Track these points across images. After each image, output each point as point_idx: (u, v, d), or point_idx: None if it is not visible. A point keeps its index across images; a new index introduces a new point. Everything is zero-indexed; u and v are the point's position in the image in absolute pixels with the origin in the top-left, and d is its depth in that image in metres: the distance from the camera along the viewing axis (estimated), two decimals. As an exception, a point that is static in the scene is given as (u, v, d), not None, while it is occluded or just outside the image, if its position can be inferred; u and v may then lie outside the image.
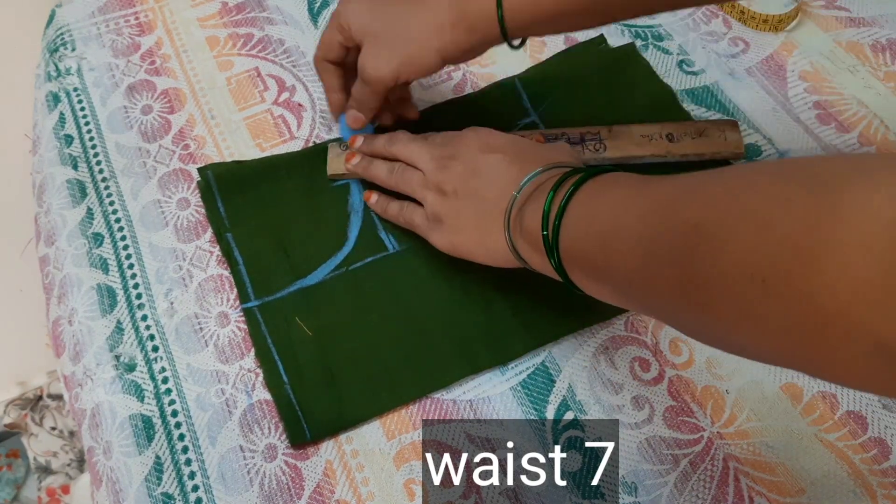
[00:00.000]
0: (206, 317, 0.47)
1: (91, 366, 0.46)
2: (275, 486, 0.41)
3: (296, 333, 0.45)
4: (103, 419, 0.44)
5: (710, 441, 0.42)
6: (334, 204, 0.50)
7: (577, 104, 0.54)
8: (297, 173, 0.52)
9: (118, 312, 0.48)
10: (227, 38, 0.60)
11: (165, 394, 0.45)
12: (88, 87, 0.58)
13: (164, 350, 0.46)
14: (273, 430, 0.43)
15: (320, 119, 0.55)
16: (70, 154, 0.55)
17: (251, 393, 0.44)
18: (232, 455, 0.42)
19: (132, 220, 0.51)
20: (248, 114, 0.56)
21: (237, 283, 0.47)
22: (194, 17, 0.62)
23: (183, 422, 0.44)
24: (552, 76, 0.56)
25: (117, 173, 0.53)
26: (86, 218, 0.52)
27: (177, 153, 0.54)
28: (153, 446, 0.43)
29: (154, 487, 0.42)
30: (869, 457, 0.41)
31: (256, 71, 0.58)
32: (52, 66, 0.59)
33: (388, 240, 0.49)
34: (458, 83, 0.57)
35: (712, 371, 0.44)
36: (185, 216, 0.51)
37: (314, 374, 0.44)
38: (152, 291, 0.48)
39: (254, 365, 0.45)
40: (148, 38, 0.61)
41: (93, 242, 0.51)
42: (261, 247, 0.49)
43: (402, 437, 0.43)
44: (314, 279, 0.47)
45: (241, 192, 0.51)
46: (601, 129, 0.50)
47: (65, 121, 0.56)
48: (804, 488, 0.40)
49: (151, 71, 0.58)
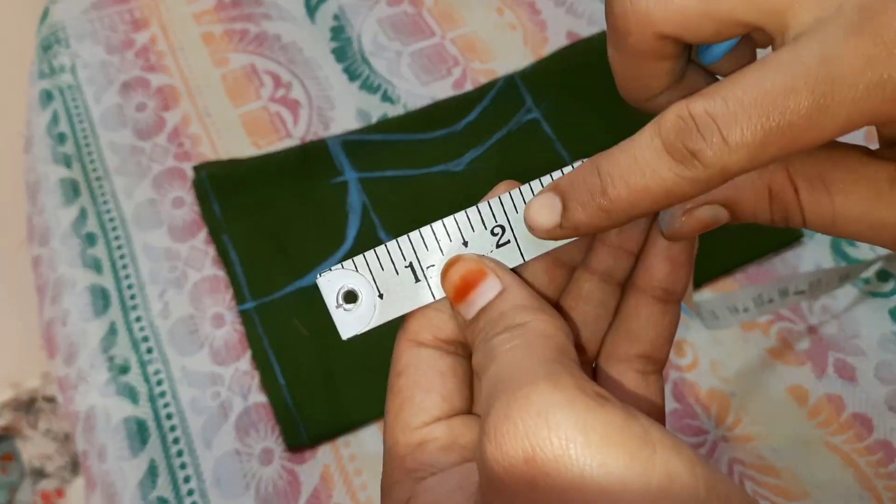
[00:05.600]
0: (201, 318, 0.46)
1: (85, 368, 0.45)
2: (271, 491, 0.41)
3: (293, 335, 0.45)
4: (97, 422, 0.44)
5: (715, 444, 0.41)
6: (332, 203, 0.50)
7: (580, 100, 0.53)
8: (294, 172, 0.51)
9: (112, 314, 0.47)
10: (223, 34, 0.60)
11: (160, 396, 0.44)
12: (82, 84, 0.57)
13: (159, 352, 0.45)
14: (269, 433, 0.42)
15: (317, 116, 0.55)
16: (63, 153, 0.54)
17: (247, 396, 0.44)
18: (227, 459, 0.42)
19: (126, 220, 0.51)
20: (244, 111, 0.55)
21: (233, 283, 0.47)
22: (189, 12, 0.61)
23: (178, 425, 0.43)
24: (554, 72, 0.55)
25: (111, 172, 0.53)
26: (79, 218, 0.51)
27: (171, 151, 0.53)
28: (148, 450, 0.42)
29: (149, 491, 0.41)
30: (874, 460, 0.40)
31: (252, 67, 0.57)
32: (46, 63, 0.59)
33: (388, 240, 0.48)
34: (458, 79, 0.56)
35: (717, 373, 0.43)
36: (180, 215, 0.50)
37: (312, 376, 0.43)
38: (146, 292, 0.47)
39: (250, 367, 0.44)
40: (142, 35, 0.60)
41: (86, 242, 0.50)
42: (257, 247, 0.48)
43: (401, 441, 0.42)
44: (312, 279, 0.47)
45: (236, 191, 0.50)
46: None
47: (58, 119, 0.56)
48: (809, 492, 0.40)
49: (146, 68, 0.58)
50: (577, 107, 0.53)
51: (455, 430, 0.21)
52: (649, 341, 0.22)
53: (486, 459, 0.17)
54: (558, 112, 0.53)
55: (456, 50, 0.58)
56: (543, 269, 0.23)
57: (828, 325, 0.44)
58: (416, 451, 0.21)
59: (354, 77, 0.57)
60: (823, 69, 0.16)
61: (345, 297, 0.22)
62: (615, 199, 0.19)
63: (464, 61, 0.57)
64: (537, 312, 0.20)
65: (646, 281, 0.22)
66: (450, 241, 0.21)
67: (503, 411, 0.17)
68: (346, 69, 0.57)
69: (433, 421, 0.21)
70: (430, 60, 0.57)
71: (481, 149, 0.52)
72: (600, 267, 0.23)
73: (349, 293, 0.22)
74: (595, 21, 0.58)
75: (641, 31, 0.19)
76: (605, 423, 0.16)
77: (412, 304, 0.21)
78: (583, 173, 0.20)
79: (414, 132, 0.53)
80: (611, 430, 0.16)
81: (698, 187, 0.18)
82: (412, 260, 0.21)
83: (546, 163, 0.51)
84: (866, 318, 0.44)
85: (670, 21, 0.18)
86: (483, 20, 0.59)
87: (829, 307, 0.45)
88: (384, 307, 0.22)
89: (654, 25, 0.19)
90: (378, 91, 0.56)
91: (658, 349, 0.22)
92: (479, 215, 0.21)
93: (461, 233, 0.21)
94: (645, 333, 0.22)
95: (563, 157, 0.51)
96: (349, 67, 0.57)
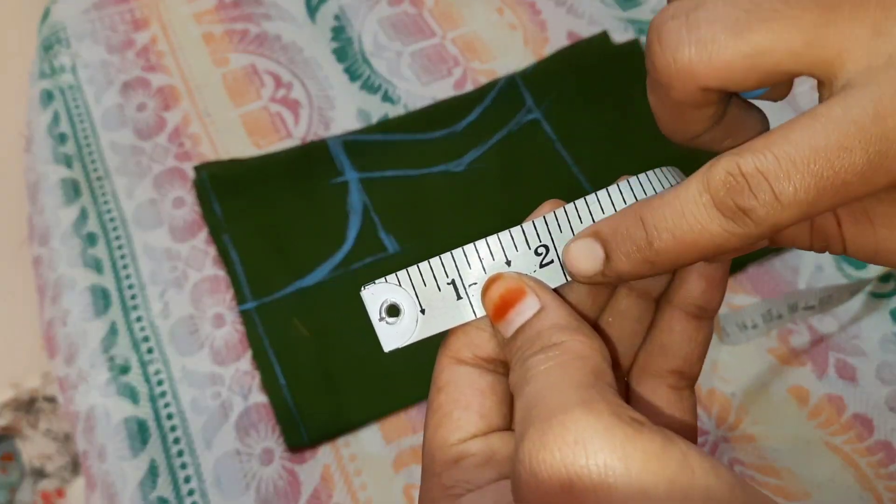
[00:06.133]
0: (201, 318, 0.46)
1: (85, 368, 0.45)
2: (271, 491, 0.41)
3: (294, 335, 0.45)
4: (98, 422, 0.44)
5: (716, 445, 0.41)
6: (333, 203, 0.49)
7: (580, 101, 0.53)
8: (294, 172, 0.51)
9: (112, 314, 0.47)
10: (224, 34, 0.59)
11: (160, 396, 0.44)
12: (83, 84, 0.57)
13: (159, 352, 0.45)
14: (270, 433, 0.42)
15: (317, 116, 0.55)
16: (64, 152, 0.54)
17: (247, 396, 0.44)
18: (228, 459, 0.42)
19: (126, 220, 0.50)
20: (245, 111, 0.55)
21: (234, 283, 0.47)
22: (190, 12, 0.61)
23: (178, 425, 0.43)
24: (555, 72, 0.55)
25: (112, 172, 0.53)
26: (80, 217, 0.51)
27: (172, 151, 0.53)
28: (148, 450, 0.42)
29: (149, 492, 0.41)
30: (875, 460, 0.40)
31: (253, 67, 0.57)
32: (47, 63, 0.59)
33: (388, 240, 0.48)
34: (459, 79, 0.56)
35: (718, 374, 0.43)
36: (181, 215, 0.50)
37: (312, 376, 0.43)
38: (147, 292, 0.47)
39: (250, 367, 0.44)
40: (143, 35, 0.60)
41: (87, 242, 0.50)
42: (258, 247, 0.48)
43: (400, 441, 0.42)
44: (313, 280, 0.47)
45: (237, 191, 0.50)
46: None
47: (59, 119, 0.56)
48: (810, 492, 0.40)
49: (146, 68, 0.58)
50: (577, 107, 0.53)
51: (492, 446, 0.21)
52: (683, 357, 0.22)
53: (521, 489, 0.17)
54: (559, 112, 0.53)
55: (456, 50, 0.58)
56: (587, 289, 0.23)
57: (828, 325, 0.44)
58: (453, 467, 0.21)
59: (355, 77, 0.57)
60: (878, 128, 0.16)
61: (388, 310, 0.22)
62: (661, 252, 0.18)
63: (464, 61, 0.57)
64: (574, 333, 0.20)
65: (681, 298, 0.22)
66: (493, 259, 0.21)
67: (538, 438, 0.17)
68: (346, 69, 0.57)
69: (470, 438, 0.21)
70: (430, 60, 0.57)
71: (482, 149, 0.52)
72: (638, 284, 0.23)
73: (392, 307, 0.22)
74: (595, 21, 0.58)
75: (684, 85, 0.18)
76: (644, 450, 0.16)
77: (453, 320, 0.22)
78: (626, 223, 0.19)
79: (414, 132, 0.53)
80: (649, 456, 0.16)
81: (748, 242, 0.18)
82: (454, 277, 0.21)
83: (546, 163, 0.51)
84: (867, 319, 0.44)
85: (714, 76, 0.18)
86: (483, 20, 0.59)
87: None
88: (426, 322, 0.22)
89: (698, 80, 0.18)
90: (378, 91, 0.56)
91: (691, 365, 0.22)
92: (522, 234, 0.21)
93: (504, 252, 0.21)
94: (679, 349, 0.22)
95: (564, 157, 0.51)
96: (350, 67, 0.57)
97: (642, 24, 0.58)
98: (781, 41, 0.17)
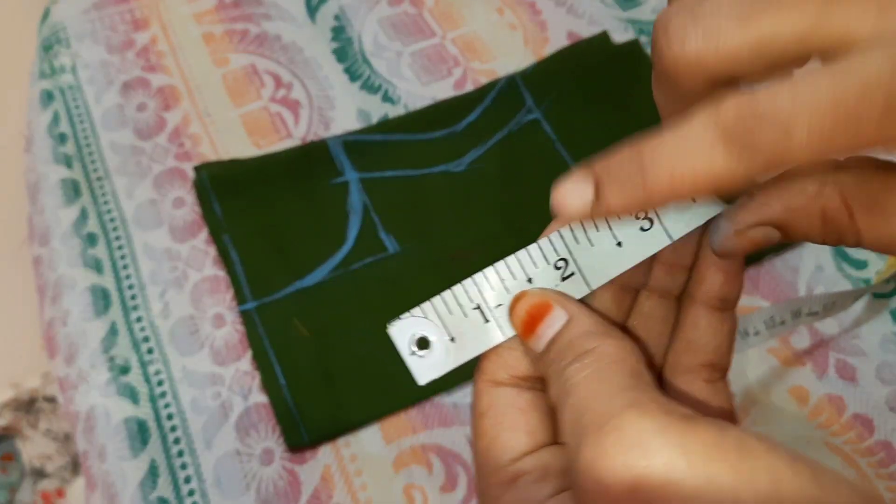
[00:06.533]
0: (201, 318, 0.46)
1: (85, 368, 0.45)
2: (271, 491, 0.41)
3: (294, 335, 0.45)
4: (98, 422, 0.44)
5: (715, 445, 0.41)
6: (333, 203, 0.49)
7: (581, 101, 0.53)
8: (294, 172, 0.51)
9: (112, 314, 0.47)
10: (224, 34, 0.59)
11: (160, 396, 0.44)
12: (83, 84, 0.57)
13: (159, 352, 0.45)
14: (270, 433, 0.42)
15: (317, 116, 0.55)
16: (64, 153, 0.54)
17: (247, 396, 0.43)
18: (228, 459, 0.42)
19: (126, 220, 0.50)
20: (245, 111, 0.55)
21: (234, 284, 0.47)
22: (190, 12, 0.61)
23: (178, 425, 0.43)
24: (555, 72, 0.55)
25: (112, 172, 0.53)
26: (80, 218, 0.51)
27: (172, 151, 0.53)
28: (148, 450, 0.42)
29: (149, 492, 0.41)
30: (875, 460, 0.40)
31: (253, 67, 0.57)
32: (47, 63, 0.59)
33: (388, 240, 0.48)
34: (459, 79, 0.56)
35: (717, 373, 0.43)
36: (181, 216, 0.50)
37: (312, 376, 0.43)
38: (147, 292, 0.47)
39: (250, 367, 0.44)
40: (143, 35, 0.60)
41: (87, 243, 0.50)
42: (258, 247, 0.48)
43: (401, 442, 0.42)
44: (313, 280, 0.47)
45: (237, 191, 0.50)
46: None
47: (59, 119, 0.56)
48: (811, 493, 0.40)
49: (146, 68, 0.58)
50: (577, 107, 0.53)
51: (545, 462, 0.21)
52: (712, 350, 0.22)
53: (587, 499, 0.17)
54: (559, 112, 0.53)
55: (456, 50, 0.58)
56: (611, 296, 0.23)
57: (828, 325, 0.44)
58: (510, 488, 0.21)
59: (355, 77, 0.57)
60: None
61: (417, 343, 0.22)
62: (656, 188, 0.18)
63: (464, 61, 0.57)
64: (605, 337, 0.20)
65: (703, 292, 0.22)
66: (514, 279, 0.21)
67: (597, 446, 0.17)
68: (346, 69, 0.57)
69: (521, 456, 0.21)
70: (430, 60, 0.57)
71: (482, 149, 0.52)
72: (657, 284, 0.23)
73: (421, 340, 0.22)
74: (595, 21, 0.58)
75: (693, 76, 0.18)
76: (702, 442, 0.16)
77: (484, 345, 0.22)
78: (622, 156, 0.19)
79: (414, 132, 0.53)
80: (708, 447, 0.16)
81: (747, 178, 0.17)
82: (479, 301, 0.21)
83: (546, 163, 0.51)
84: (867, 319, 0.44)
85: (722, 65, 0.18)
86: (483, 20, 0.59)
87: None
88: (457, 350, 0.22)
89: (707, 70, 0.18)
90: (379, 91, 0.56)
91: (721, 356, 0.22)
92: (540, 251, 0.21)
93: (524, 270, 0.21)
94: (707, 342, 0.22)
95: (564, 157, 0.51)
96: (350, 68, 0.57)
97: (642, 25, 0.58)
98: (787, 26, 0.17)
